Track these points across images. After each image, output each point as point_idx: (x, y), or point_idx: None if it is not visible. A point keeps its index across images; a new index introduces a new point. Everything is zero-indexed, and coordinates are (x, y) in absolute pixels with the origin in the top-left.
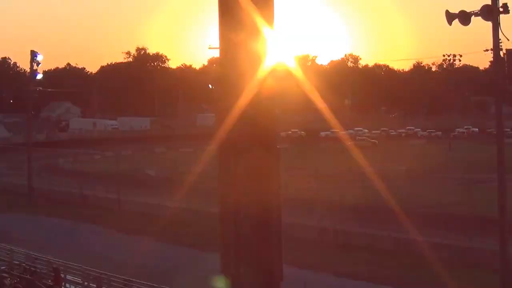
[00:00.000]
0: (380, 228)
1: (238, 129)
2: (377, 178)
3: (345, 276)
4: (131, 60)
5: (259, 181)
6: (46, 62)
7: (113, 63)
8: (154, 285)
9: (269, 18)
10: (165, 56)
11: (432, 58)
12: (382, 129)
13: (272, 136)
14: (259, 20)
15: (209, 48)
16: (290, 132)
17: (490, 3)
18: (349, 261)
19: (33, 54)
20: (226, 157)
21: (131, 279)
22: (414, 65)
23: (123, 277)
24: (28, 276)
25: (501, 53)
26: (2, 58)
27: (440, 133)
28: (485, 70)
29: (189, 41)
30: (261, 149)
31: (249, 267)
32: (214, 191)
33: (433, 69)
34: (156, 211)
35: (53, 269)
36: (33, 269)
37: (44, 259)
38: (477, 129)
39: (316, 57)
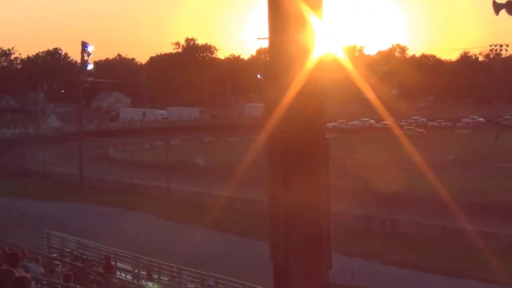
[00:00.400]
0: (428, 217)
1: (286, 119)
2: (425, 167)
3: (392, 264)
4: (180, 50)
5: (308, 171)
6: (97, 53)
7: (162, 53)
8: (204, 272)
9: (318, 8)
10: (214, 47)
11: (479, 48)
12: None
13: (321, 125)
14: (308, 10)
15: (258, 38)
16: (336, 123)
17: None
18: (397, 249)
19: (84, 45)
20: (274, 146)
21: (181, 266)
22: (461, 55)
23: (173, 264)
24: (79, 264)
25: None
26: (53, 49)
27: (482, 119)
28: None
29: (238, 31)
30: (310, 139)
31: (299, 255)
32: (262, 180)
33: (480, 59)
34: (205, 200)
35: (104, 257)
36: (84, 256)
37: (95, 247)
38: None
39: (363, 47)
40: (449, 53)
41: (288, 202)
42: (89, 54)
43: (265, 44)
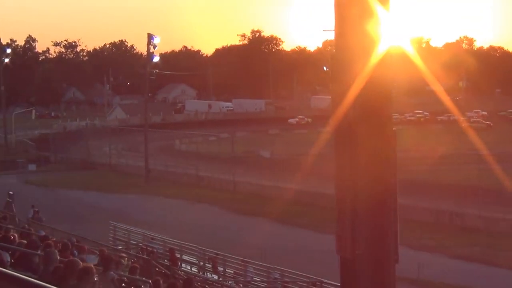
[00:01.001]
0: (496, 210)
1: (353, 111)
2: (493, 160)
3: (459, 258)
4: (246, 42)
5: (375, 163)
6: (163, 45)
7: (228, 45)
8: (269, 265)
9: (385, 0)
10: (280, 39)
11: None
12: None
13: (387, 118)
14: (375, 2)
15: (324, 30)
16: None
17: None
18: (465, 243)
19: (150, 37)
20: (341, 139)
21: (246, 259)
22: None
23: (238, 257)
24: (145, 256)
25: None
26: (119, 41)
27: None
28: None
29: (304, 23)
30: (377, 131)
31: (366, 249)
32: (329, 173)
33: None
34: (271, 192)
35: (169, 250)
36: (149, 249)
37: (161, 239)
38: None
39: (430, 39)
40: None
41: (355, 195)
42: (155, 46)
43: (331, 36)
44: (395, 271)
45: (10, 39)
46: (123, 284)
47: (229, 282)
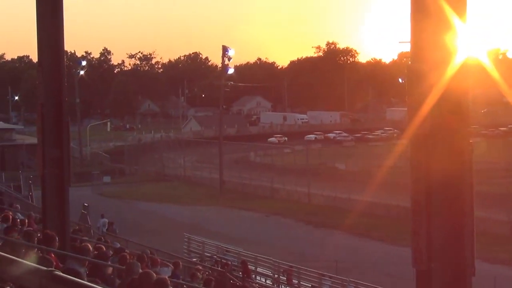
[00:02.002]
0: None
1: (429, 124)
2: None
3: None
4: (321, 54)
5: (451, 176)
6: (237, 57)
7: (303, 57)
8: (344, 278)
9: (462, 12)
10: (355, 51)
11: None
12: None
13: (464, 130)
14: (451, 14)
15: (400, 42)
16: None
17: None
18: None
19: (225, 49)
20: (417, 151)
21: (322, 272)
22: None
23: (313, 269)
24: (219, 268)
25: None
26: (193, 53)
27: None
28: None
29: (379, 35)
30: (453, 144)
31: (441, 262)
32: (404, 185)
33: None
34: (345, 204)
35: (241, 262)
36: (224, 261)
37: (235, 251)
38: None
39: (507, 50)
40: None
41: (431, 208)
42: (229, 58)
43: (407, 47)
44: (471, 284)
45: (85, 52)
46: None
47: None
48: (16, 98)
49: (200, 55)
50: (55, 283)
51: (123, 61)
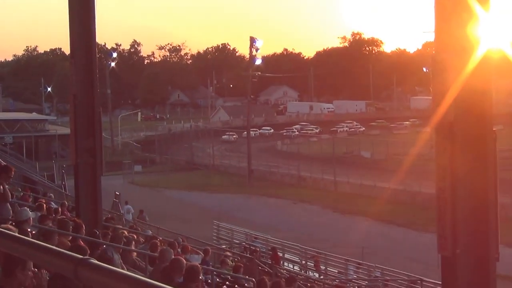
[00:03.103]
0: None
1: (454, 112)
2: None
3: None
4: (347, 45)
5: (476, 163)
6: (264, 48)
7: (328, 48)
8: (370, 264)
9: (485, 2)
10: (380, 41)
11: None
12: None
13: (488, 118)
14: (475, 3)
15: (424, 32)
16: None
17: None
18: None
19: (252, 40)
20: (442, 139)
21: (347, 257)
22: None
23: (340, 256)
24: (248, 255)
25: None
26: (222, 44)
27: None
28: None
29: (404, 25)
30: (478, 131)
31: (466, 248)
32: (429, 172)
33: None
34: (371, 192)
35: (271, 248)
36: (253, 248)
37: (264, 238)
38: None
39: None
40: None
41: (456, 195)
42: (257, 49)
43: (431, 37)
44: (495, 269)
45: (116, 44)
46: (227, 283)
47: (331, 280)
48: (49, 89)
49: (228, 46)
50: (90, 270)
51: (153, 53)
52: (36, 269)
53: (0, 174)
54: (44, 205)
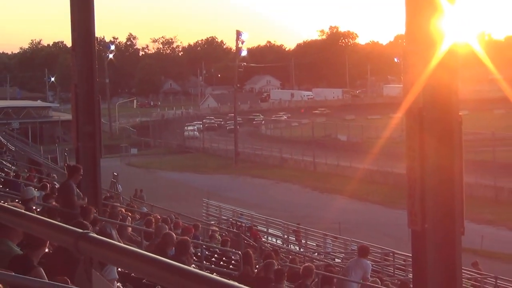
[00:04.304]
0: None
1: (423, 98)
2: None
3: None
4: (325, 37)
5: (443, 145)
6: (249, 40)
7: (308, 40)
8: (347, 238)
9: None
10: (355, 34)
11: None
12: None
13: (454, 104)
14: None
15: (395, 25)
16: None
17: None
18: None
19: (238, 33)
20: (412, 123)
21: (326, 232)
22: None
23: (319, 230)
24: (234, 230)
25: None
26: (210, 37)
27: None
28: None
29: (377, 19)
30: (445, 116)
31: (434, 223)
32: (400, 154)
33: None
34: (347, 172)
35: (248, 228)
36: (239, 223)
37: (249, 214)
38: None
39: (490, 34)
40: None
41: (425, 174)
42: (243, 42)
43: (403, 30)
44: (461, 242)
45: (113, 37)
46: (216, 255)
47: (311, 253)
48: (52, 79)
49: (216, 39)
50: (90, 243)
51: (147, 45)
52: None
53: (73, 175)
54: (48, 185)
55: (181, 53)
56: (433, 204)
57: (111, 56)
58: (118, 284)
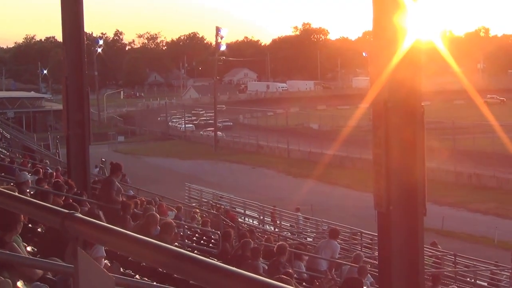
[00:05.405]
0: (507, 172)
1: (388, 90)
2: (502, 130)
3: (477, 212)
4: (298, 33)
5: (406, 133)
6: (228, 36)
7: (283, 36)
8: (319, 219)
9: None
10: (326, 30)
11: None
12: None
13: (417, 95)
14: None
15: (363, 22)
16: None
17: None
18: (481, 199)
19: (218, 29)
20: (378, 113)
21: (299, 214)
22: None
23: (293, 212)
24: (214, 212)
25: None
26: (192, 33)
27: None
28: None
29: (346, 16)
30: (408, 106)
31: (398, 204)
32: (367, 141)
33: None
34: (319, 158)
35: (225, 211)
36: (218, 205)
37: (228, 197)
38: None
39: (451, 30)
40: None
41: (390, 159)
42: (222, 37)
43: (370, 26)
44: (423, 222)
45: (101, 33)
46: (197, 235)
47: (285, 232)
48: (45, 72)
49: (197, 35)
50: (76, 222)
51: (133, 40)
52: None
53: (115, 172)
54: (41, 170)
55: (165, 47)
56: (397, 187)
57: (99, 50)
58: (105, 261)
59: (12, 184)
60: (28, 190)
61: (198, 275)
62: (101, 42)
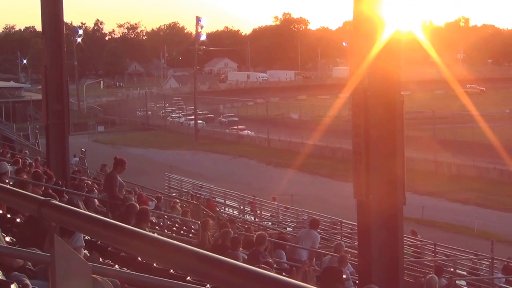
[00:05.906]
0: (487, 161)
1: (368, 80)
2: (482, 119)
3: (457, 202)
4: (279, 23)
5: (386, 123)
6: (208, 25)
7: (263, 26)
8: (299, 208)
9: None
10: (307, 20)
11: None
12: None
13: (397, 85)
14: None
15: (344, 13)
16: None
17: None
18: (461, 189)
19: (198, 19)
20: (358, 102)
21: (280, 204)
22: None
23: (273, 202)
24: (194, 201)
25: None
26: (172, 22)
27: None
28: None
29: (327, 6)
30: (388, 96)
31: (378, 193)
32: (347, 131)
33: None
34: (299, 148)
35: (206, 200)
36: (198, 195)
37: (207, 187)
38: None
39: (431, 20)
40: (507, 23)
41: (369, 149)
42: (202, 27)
43: (350, 17)
44: (402, 212)
45: (81, 22)
46: (177, 225)
47: (265, 222)
48: (24, 61)
49: (178, 25)
50: (52, 209)
51: (113, 30)
52: None
53: (117, 167)
54: (20, 160)
55: (145, 37)
56: (377, 176)
57: (79, 40)
58: (84, 251)
59: None
60: (7, 181)
61: (174, 260)
62: (80, 31)
